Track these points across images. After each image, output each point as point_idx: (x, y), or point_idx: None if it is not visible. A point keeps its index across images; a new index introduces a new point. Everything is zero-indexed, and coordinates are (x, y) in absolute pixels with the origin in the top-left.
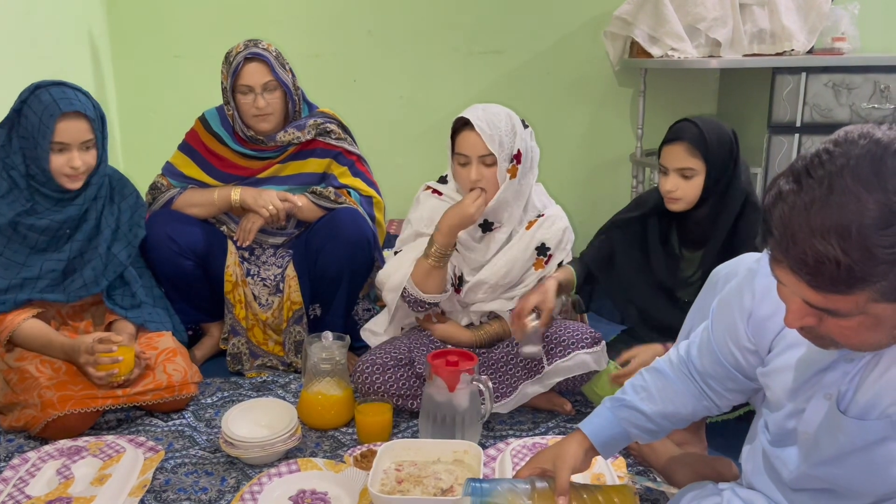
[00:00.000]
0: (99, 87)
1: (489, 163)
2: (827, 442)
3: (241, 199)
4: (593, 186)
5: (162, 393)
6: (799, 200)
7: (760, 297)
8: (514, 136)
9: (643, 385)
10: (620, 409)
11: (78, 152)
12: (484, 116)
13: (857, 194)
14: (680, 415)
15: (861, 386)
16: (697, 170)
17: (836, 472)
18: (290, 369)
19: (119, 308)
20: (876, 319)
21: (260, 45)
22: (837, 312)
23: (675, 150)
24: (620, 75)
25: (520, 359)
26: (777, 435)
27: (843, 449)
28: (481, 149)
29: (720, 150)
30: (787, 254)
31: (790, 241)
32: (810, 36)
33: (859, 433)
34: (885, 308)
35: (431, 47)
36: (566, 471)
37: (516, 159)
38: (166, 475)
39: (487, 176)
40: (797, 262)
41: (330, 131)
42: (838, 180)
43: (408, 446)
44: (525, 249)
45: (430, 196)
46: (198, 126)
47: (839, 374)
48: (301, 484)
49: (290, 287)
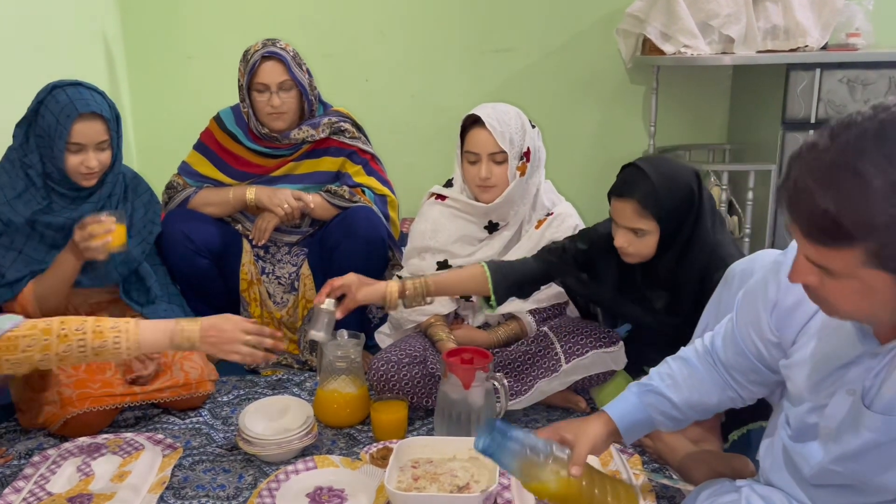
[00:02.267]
0: (113, 87)
1: (499, 160)
2: (850, 437)
3: (256, 198)
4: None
5: (179, 390)
6: (815, 156)
7: (785, 290)
8: (524, 134)
9: (669, 373)
10: (647, 395)
11: (94, 152)
12: (494, 114)
13: (870, 159)
14: (705, 404)
15: (886, 381)
16: (650, 230)
17: (859, 467)
18: (306, 367)
19: (135, 304)
20: (868, 287)
21: (278, 44)
22: (831, 271)
23: (625, 208)
24: (633, 73)
25: (537, 358)
26: (798, 430)
27: (867, 444)
28: (492, 146)
29: (675, 206)
30: (791, 204)
31: (797, 192)
32: (824, 32)
33: (884, 428)
34: (875, 276)
35: (443, 46)
36: (586, 445)
37: (526, 157)
38: (184, 472)
39: (497, 173)
40: (797, 210)
41: (344, 130)
42: (856, 143)
43: (423, 444)
44: (534, 248)
45: (434, 204)
46: (213, 125)
47: (863, 369)
48: (318, 481)
49: (305, 285)
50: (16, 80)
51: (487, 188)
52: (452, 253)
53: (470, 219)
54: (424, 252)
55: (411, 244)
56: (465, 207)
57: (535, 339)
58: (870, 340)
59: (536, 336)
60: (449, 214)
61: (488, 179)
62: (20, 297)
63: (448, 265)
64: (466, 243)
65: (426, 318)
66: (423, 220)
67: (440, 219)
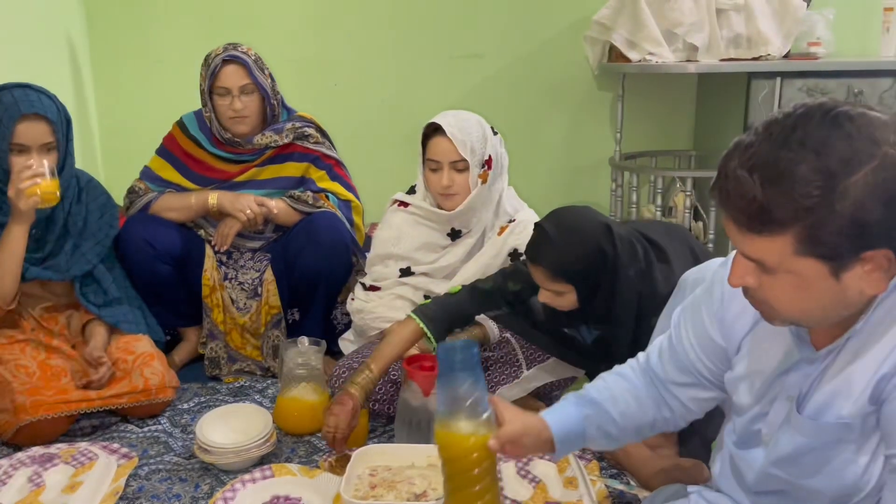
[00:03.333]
0: (78, 91)
1: (461, 168)
2: (785, 441)
3: (218, 202)
4: (573, 190)
5: (138, 396)
6: (743, 151)
7: (730, 297)
8: (486, 142)
9: (606, 386)
10: (585, 406)
11: (38, 154)
12: (455, 122)
13: (792, 147)
14: (640, 421)
15: (818, 387)
16: (566, 290)
17: (793, 470)
18: (268, 374)
19: (91, 305)
20: (802, 280)
21: (239, 48)
22: (767, 266)
23: (536, 273)
24: (600, 79)
25: (499, 364)
26: (742, 437)
27: (800, 448)
28: (453, 154)
29: (585, 267)
30: (723, 197)
31: (728, 184)
32: (786, 41)
33: (814, 433)
34: (808, 265)
35: (412, 51)
36: (518, 428)
37: (487, 165)
38: (140, 482)
39: (458, 181)
40: (729, 202)
41: (308, 135)
42: (779, 134)
43: (382, 451)
44: (497, 255)
45: (397, 211)
46: (175, 130)
47: (801, 375)
48: (275, 490)
49: (268, 291)
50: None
51: (449, 196)
52: (416, 260)
53: (433, 226)
54: (388, 259)
55: (374, 251)
56: (428, 215)
57: (497, 346)
58: (806, 347)
59: (499, 342)
60: (412, 221)
61: (450, 188)
62: None
63: (411, 272)
64: (429, 250)
65: (389, 324)
66: (386, 228)
67: (403, 226)
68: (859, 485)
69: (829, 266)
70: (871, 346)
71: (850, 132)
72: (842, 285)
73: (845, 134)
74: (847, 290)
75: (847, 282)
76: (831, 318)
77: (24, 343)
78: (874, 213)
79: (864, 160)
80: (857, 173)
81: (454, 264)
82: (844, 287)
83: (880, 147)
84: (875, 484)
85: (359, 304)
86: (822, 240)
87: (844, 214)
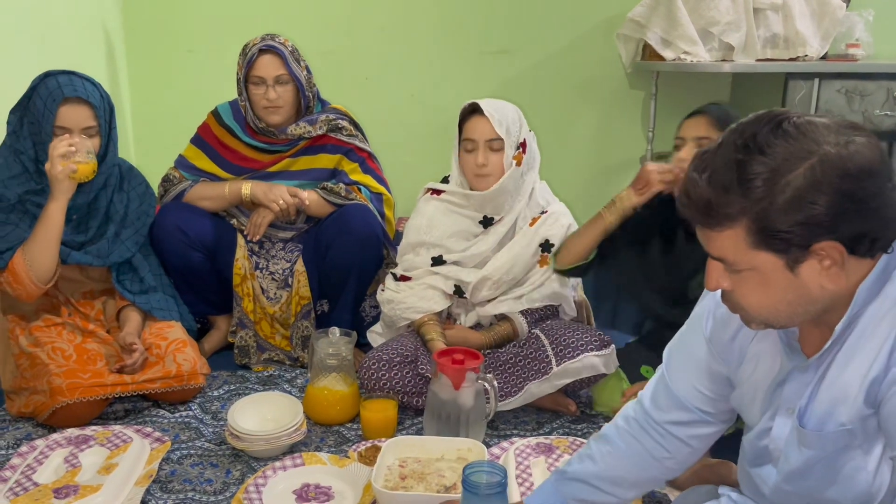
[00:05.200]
0: (112, 81)
1: (496, 147)
2: (794, 456)
3: (251, 193)
4: (602, 189)
5: (170, 382)
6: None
7: (722, 322)
8: (521, 127)
9: (588, 454)
10: (564, 484)
11: (80, 138)
12: (492, 104)
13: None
14: (626, 479)
15: (816, 397)
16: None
17: (807, 483)
18: (297, 364)
19: (127, 292)
20: (763, 276)
21: (276, 39)
22: (730, 263)
23: (698, 122)
24: (632, 77)
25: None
26: (752, 454)
27: (809, 461)
28: (489, 133)
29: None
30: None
31: (686, 188)
32: (824, 42)
33: (820, 444)
34: (764, 259)
35: (443, 46)
36: None
37: (522, 148)
38: (172, 466)
39: (493, 161)
40: (688, 203)
41: (341, 128)
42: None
43: (412, 443)
44: (528, 245)
45: (430, 199)
46: (210, 120)
47: (796, 385)
48: (305, 478)
49: (299, 282)
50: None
51: (484, 176)
52: (447, 248)
53: (465, 213)
54: (419, 247)
55: (406, 239)
56: (461, 200)
57: (527, 341)
58: (796, 355)
59: (528, 338)
60: (444, 209)
61: (485, 167)
62: (12, 264)
63: (443, 260)
64: (461, 238)
65: (420, 315)
66: (418, 216)
67: (436, 214)
68: (872, 490)
69: (784, 259)
70: (861, 350)
71: (793, 134)
72: (800, 279)
73: (789, 136)
74: (807, 285)
75: (805, 276)
76: (799, 313)
77: (60, 326)
78: (817, 205)
79: (805, 157)
80: (798, 169)
81: (485, 252)
82: (803, 282)
83: (820, 146)
84: (889, 488)
85: (389, 295)
86: (770, 232)
87: (788, 207)
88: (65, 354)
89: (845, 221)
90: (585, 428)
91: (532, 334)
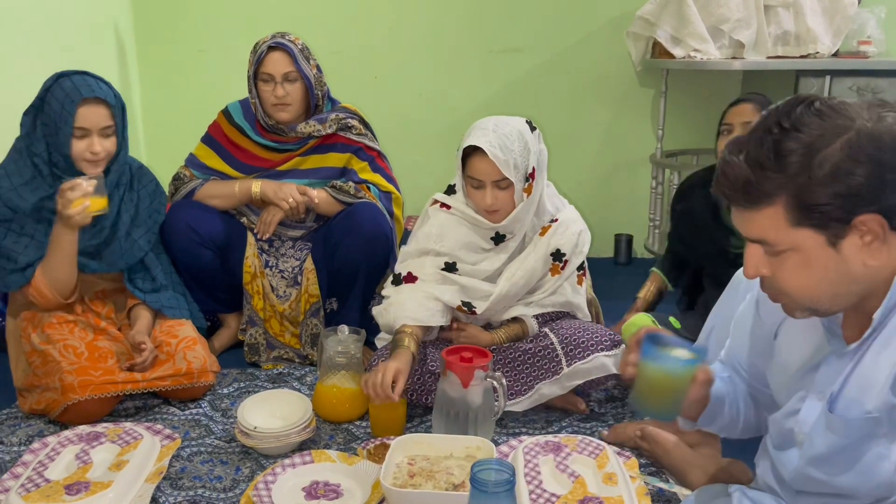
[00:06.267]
0: (123, 80)
1: (504, 186)
2: (820, 441)
3: (261, 191)
4: (612, 187)
5: (181, 379)
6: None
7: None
8: (528, 154)
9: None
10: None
11: (98, 138)
12: (496, 140)
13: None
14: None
15: (848, 383)
16: None
17: (830, 470)
18: (306, 362)
19: (139, 291)
20: (804, 255)
21: (287, 37)
22: (770, 244)
23: (745, 108)
24: (642, 75)
25: (536, 358)
26: (777, 436)
27: (834, 447)
28: (495, 174)
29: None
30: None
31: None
32: (835, 39)
33: (846, 431)
34: (804, 236)
35: (451, 45)
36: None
37: (531, 177)
38: (182, 463)
39: (502, 198)
40: (725, 184)
41: (351, 126)
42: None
43: (420, 441)
44: (540, 258)
45: (439, 211)
46: (220, 118)
47: (831, 370)
48: (314, 475)
49: (308, 280)
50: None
51: (494, 212)
52: (459, 258)
53: (476, 230)
54: (425, 255)
55: (414, 245)
56: (473, 221)
57: (536, 339)
58: (836, 340)
59: (537, 336)
60: (455, 221)
61: (493, 205)
62: (34, 281)
63: (455, 268)
64: (472, 251)
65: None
66: (429, 224)
67: (447, 224)
68: (893, 481)
69: (825, 235)
70: (894, 338)
71: (826, 112)
72: (842, 256)
73: (823, 114)
74: (849, 262)
75: (847, 252)
76: (842, 295)
77: (72, 324)
78: (855, 175)
79: (841, 132)
80: (835, 143)
81: (497, 268)
82: (845, 259)
83: (854, 121)
84: None
85: (387, 297)
86: (810, 206)
87: (827, 180)
88: (76, 352)
89: (884, 191)
90: (595, 426)
91: (541, 332)
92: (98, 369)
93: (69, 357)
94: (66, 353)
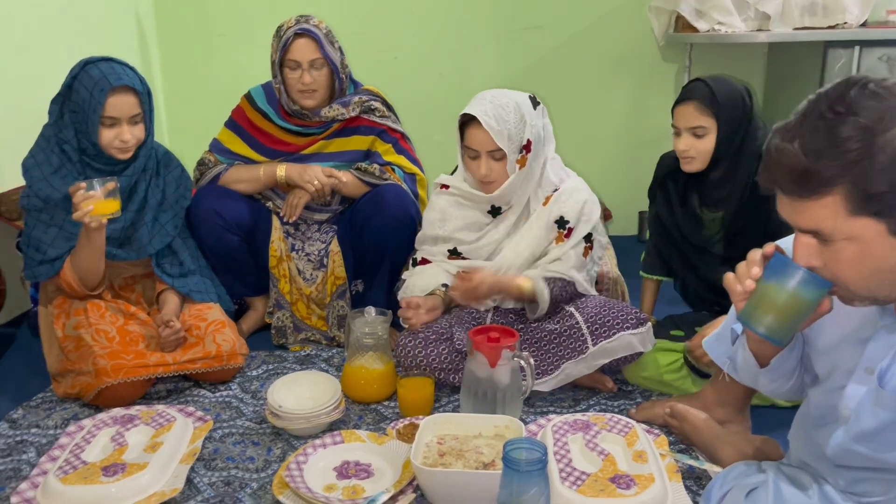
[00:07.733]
0: (145, 65)
1: (498, 157)
2: (868, 417)
3: (286, 175)
4: (636, 163)
5: (211, 362)
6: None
7: None
8: (524, 127)
9: None
10: None
11: (127, 126)
12: (492, 111)
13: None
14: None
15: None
16: (708, 128)
17: (876, 446)
18: (333, 343)
19: (167, 276)
20: (862, 245)
21: (311, 21)
22: (824, 235)
23: (686, 110)
24: (665, 50)
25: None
26: (819, 410)
27: (884, 423)
28: (490, 144)
29: (731, 107)
30: (770, 171)
31: (772, 157)
32: (864, 8)
33: (895, 406)
34: (864, 225)
35: (471, 24)
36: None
37: (525, 149)
38: (215, 444)
39: (496, 169)
40: (777, 172)
41: (374, 109)
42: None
43: (449, 420)
44: (544, 227)
45: (440, 194)
46: (244, 103)
47: (881, 345)
48: (345, 455)
49: (334, 262)
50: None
51: (488, 183)
52: (460, 240)
53: (474, 206)
54: (432, 240)
55: (424, 231)
56: (469, 196)
57: (561, 318)
58: (888, 315)
59: (562, 315)
60: (454, 203)
61: (488, 176)
62: (63, 273)
63: (458, 253)
64: (472, 230)
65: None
66: (431, 210)
67: (447, 208)
68: None
69: (886, 223)
70: None
71: (882, 94)
72: None
73: (879, 96)
74: None
75: None
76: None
77: (103, 309)
78: None
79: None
80: (894, 127)
81: (496, 241)
82: None
83: None
84: None
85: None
86: (870, 194)
87: (888, 166)
88: (108, 336)
89: None
90: (623, 404)
91: (567, 311)
92: (130, 353)
93: (101, 341)
94: (98, 338)
